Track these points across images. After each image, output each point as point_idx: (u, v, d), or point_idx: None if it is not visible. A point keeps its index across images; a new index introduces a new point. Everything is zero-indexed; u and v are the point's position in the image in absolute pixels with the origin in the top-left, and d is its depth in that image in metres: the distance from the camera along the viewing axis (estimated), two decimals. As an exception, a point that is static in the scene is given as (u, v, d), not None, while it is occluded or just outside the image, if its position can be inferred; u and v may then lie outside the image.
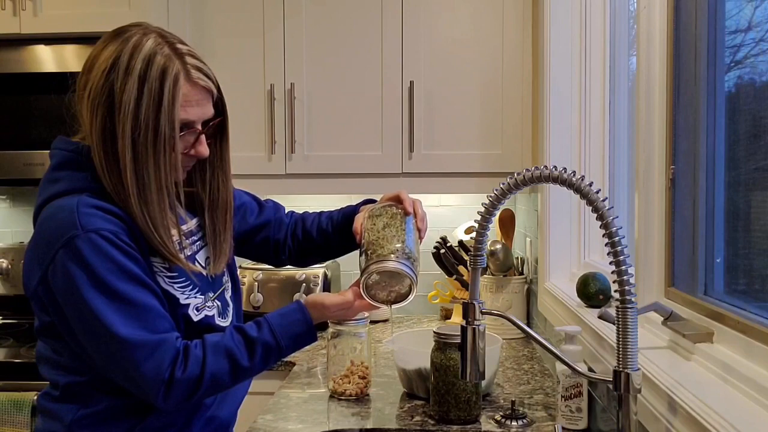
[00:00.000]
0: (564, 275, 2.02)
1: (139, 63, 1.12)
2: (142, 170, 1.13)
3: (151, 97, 1.12)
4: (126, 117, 1.11)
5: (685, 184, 1.27)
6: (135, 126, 1.12)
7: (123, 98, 1.11)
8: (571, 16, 2.01)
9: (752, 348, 0.99)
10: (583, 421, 1.43)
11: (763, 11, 1.10)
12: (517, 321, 1.21)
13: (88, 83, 1.15)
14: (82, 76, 1.17)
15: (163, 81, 1.13)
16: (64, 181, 1.16)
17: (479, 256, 1.15)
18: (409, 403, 1.62)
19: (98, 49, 1.17)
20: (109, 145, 1.13)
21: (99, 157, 1.14)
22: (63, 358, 1.19)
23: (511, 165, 2.27)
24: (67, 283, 1.10)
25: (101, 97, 1.13)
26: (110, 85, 1.12)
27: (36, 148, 2.29)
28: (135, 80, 1.12)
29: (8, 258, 2.58)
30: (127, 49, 1.14)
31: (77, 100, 1.18)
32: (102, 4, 2.21)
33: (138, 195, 1.14)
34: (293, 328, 1.23)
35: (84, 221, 1.10)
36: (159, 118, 1.12)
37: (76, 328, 1.13)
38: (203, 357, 1.16)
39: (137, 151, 1.13)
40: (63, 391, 1.19)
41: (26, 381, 2.00)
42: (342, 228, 1.47)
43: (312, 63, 2.32)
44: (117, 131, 1.12)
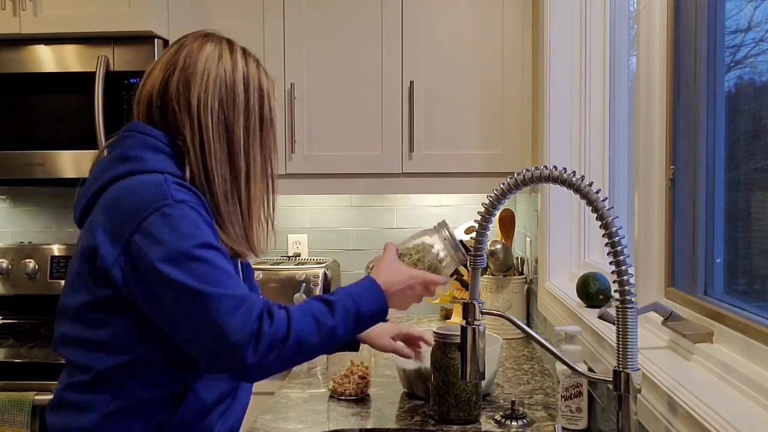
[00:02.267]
0: (564, 275, 2.02)
1: (240, 60, 1.27)
2: (251, 153, 1.27)
3: (255, 87, 1.28)
4: (239, 106, 1.26)
5: (685, 184, 1.27)
6: (246, 114, 1.26)
7: (236, 90, 1.25)
8: (571, 16, 2.01)
9: (752, 348, 0.99)
10: (583, 421, 1.43)
11: (763, 11, 1.10)
12: (517, 321, 1.21)
13: (193, 81, 1.23)
14: (174, 75, 1.24)
15: (260, 74, 1.30)
16: (145, 161, 1.20)
17: (479, 256, 1.15)
18: (409, 403, 1.62)
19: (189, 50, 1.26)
20: (224, 131, 1.25)
21: (212, 141, 1.23)
22: (107, 334, 1.18)
23: (511, 165, 2.27)
24: (155, 249, 1.11)
25: (214, 91, 1.24)
26: (220, 79, 1.25)
27: (36, 148, 2.29)
28: (241, 73, 1.26)
29: (8, 258, 2.58)
30: (224, 47, 1.27)
31: (171, 96, 1.24)
32: (102, 4, 2.21)
33: (245, 178, 1.26)
34: (368, 293, 1.26)
35: (174, 193, 1.15)
36: (263, 105, 1.29)
37: (162, 295, 1.13)
38: (288, 315, 1.17)
39: (248, 137, 1.27)
40: (96, 377, 1.18)
41: (26, 381, 2.00)
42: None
43: (312, 63, 2.32)
44: (230, 119, 1.25)
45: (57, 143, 2.28)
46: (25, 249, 2.60)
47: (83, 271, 1.19)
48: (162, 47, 2.30)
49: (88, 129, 2.24)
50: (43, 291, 2.55)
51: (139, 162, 1.20)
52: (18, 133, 2.30)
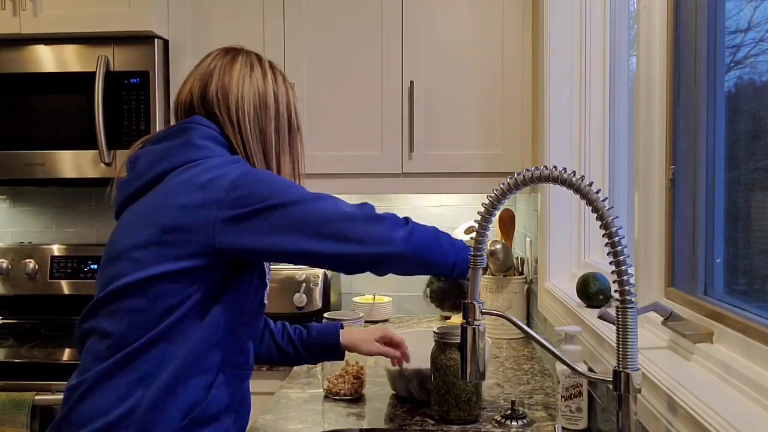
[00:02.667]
0: (564, 275, 2.02)
1: (267, 70, 1.42)
2: (281, 154, 1.40)
3: (282, 94, 1.42)
4: (270, 111, 1.39)
5: (685, 184, 1.27)
6: (277, 119, 1.40)
7: (268, 95, 1.39)
8: (571, 16, 2.01)
9: (752, 348, 0.99)
10: (583, 421, 1.43)
11: (763, 11, 1.10)
12: (517, 321, 1.21)
13: (230, 87, 1.36)
14: (211, 84, 1.36)
15: (286, 84, 1.44)
16: (214, 150, 1.31)
17: (479, 256, 1.15)
18: (408, 403, 1.62)
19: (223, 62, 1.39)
20: (258, 134, 1.38)
21: (251, 142, 1.36)
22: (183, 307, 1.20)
23: (511, 165, 2.27)
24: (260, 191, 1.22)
25: (249, 96, 1.37)
26: (255, 87, 1.38)
27: (36, 148, 2.29)
28: (270, 81, 1.41)
29: (8, 258, 2.58)
30: (254, 60, 1.42)
31: (211, 100, 1.36)
32: (102, 4, 2.22)
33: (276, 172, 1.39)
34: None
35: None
36: (290, 111, 1.43)
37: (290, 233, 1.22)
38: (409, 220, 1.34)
39: (279, 138, 1.40)
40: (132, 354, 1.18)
41: (26, 381, 2.00)
42: (314, 350, 1.60)
43: (312, 63, 2.32)
44: (263, 122, 1.38)
45: (57, 143, 2.28)
46: (25, 249, 2.60)
47: (162, 243, 1.21)
48: (162, 47, 2.30)
49: (88, 129, 2.24)
50: (43, 291, 2.55)
51: (208, 150, 1.30)
52: (18, 133, 2.30)
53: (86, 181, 2.31)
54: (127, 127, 2.26)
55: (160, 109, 2.29)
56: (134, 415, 1.17)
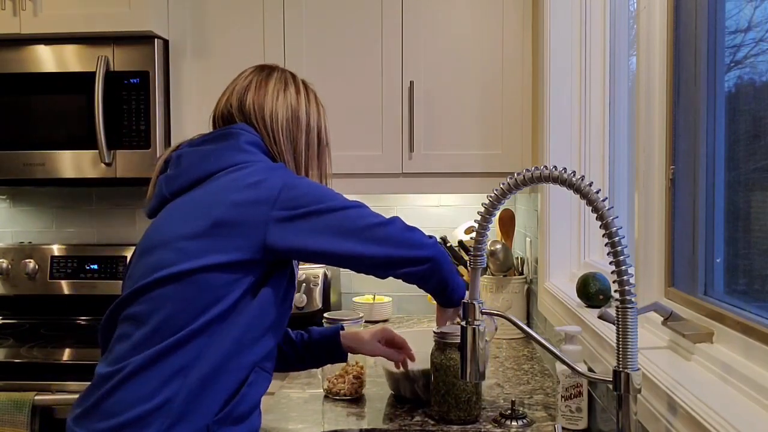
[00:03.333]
0: (564, 275, 2.02)
1: (300, 86, 1.49)
2: (309, 168, 1.46)
3: (312, 110, 1.48)
4: (301, 125, 1.45)
5: (685, 184, 1.27)
6: (308, 132, 1.46)
7: (300, 110, 1.46)
8: (571, 16, 2.01)
9: (752, 348, 0.99)
10: (583, 421, 1.43)
11: (763, 11, 1.10)
12: (517, 321, 1.21)
13: (265, 101, 1.43)
14: (247, 94, 1.44)
15: (316, 99, 1.50)
16: (258, 156, 1.37)
17: (479, 256, 1.15)
18: (408, 403, 1.62)
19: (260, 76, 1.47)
20: (291, 147, 1.44)
21: (284, 153, 1.42)
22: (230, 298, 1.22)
23: (511, 165, 2.27)
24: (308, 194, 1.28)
25: (282, 111, 1.44)
26: (288, 102, 1.45)
27: (36, 148, 2.29)
28: (303, 98, 1.47)
29: (8, 258, 2.58)
30: (288, 77, 1.49)
31: (248, 112, 1.43)
32: (102, 4, 2.22)
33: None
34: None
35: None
36: (320, 126, 1.49)
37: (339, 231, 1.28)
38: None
39: (309, 152, 1.47)
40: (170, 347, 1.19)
41: (26, 381, 2.00)
42: (315, 353, 1.59)
43: (312, 63, 2.32)
44: (294, 134, 1.45)
45: (57, 143, 2.28)
46: (25, 249, 2.60)
47: (216, 234, 1.24)
48: (162, 47, 2.30)
49: (88, 129, 2.24)
50: (43, 291, 2.55)
51: (254, 155, 1.36)
52: (18, 133, 2.30)
53: (86, 181, 2.31)
54: (127, 127, 2.26)
55: (160, 109, 2.29)
56: (172, 404, 1.18)
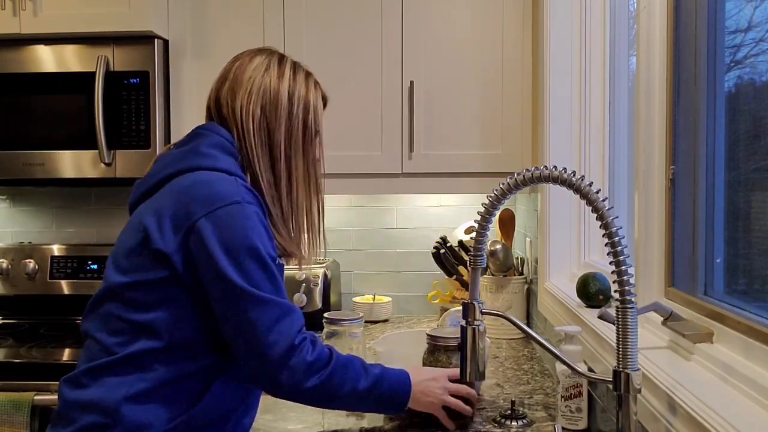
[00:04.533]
0: (564, 275, 2.02)
1: (288, 70, 1.35)
2: (292, 160, 1.33)
3: (300, 97, 1.34)
4: (282, 113, 1.32)
5: (685, 184, 1.27)
6: (289, 121, 1.32)
7: (279, 97, 1.32)
8: (571, 16, 2.01)
9: (752, 348, 0.99)
10: (583, 421, 1.43)
11: (763, 11, 1.10)
12: (517, 321, 1.21)
13: (240, 87, 1.31)
14: (226, 83, 1.33)
15: (308, 85, 1.36)
16: (218, 159, 1.26)
17: (479, 256, 1.15)
18: (409, 403, 1.62)
19: (242, 61, 1.34)
20: (266, 138, 1.31)
21: (255, 146, 1.30)
22: (152, 317, 1.19)
23: (511, 165, 2.27)
24: (217, 239, 1.16)
25: (257, 97, 1.31)
26: (266, 87, 1.32)
27: (36, 148, 2.29)
28: (287, 82, 1.33)
29: (8, 258, 2.58)
30: (274, 61, 1.35)
31: (223, 102, 1.33)
32: (102, 4, 2.21)
33: (287, 183, 1.32)
34: (397, 385, 1.34)
35: (244, 195, 1.21)
36: (307, 116, 1.35)
37: (214, 284, 1.17)
38: (330, 355, 1.24)
39: (290, 143, 1.32)
40: (124, 360, 1.18)
41: (26, 381, 2.00)
42: None
43: (311, 63, 2.30)
44: (273, 125, 1.31)
45: (57, 143, 2.28)
46: (24, 249, 2.60)
47: (138, 252, 1.21)
48: (162, 47, 2.30)
49: (88, 129, 2.24)
50: (42, 291, 2.55)
51: (213, 159, 1.26)
52: (18, 133, 2.30)
53: (86, 181, 2.31)
54: (127, 127, 2.26)
55: (160, 109, 2.29)
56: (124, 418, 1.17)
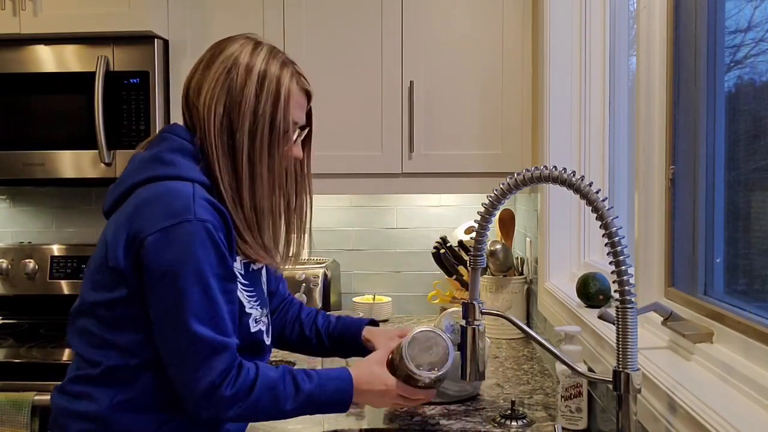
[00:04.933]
0: (564, 275, 2.02)
1: (258, 64, 1.24)
2: (255, 160, 1.22)
3: (269, 94, 1.23)
4: (246, 111, 1.22)
5: (685, 184, 1.27)
6: (254, 120, 1.22)
7: (244, 94, 1.22)
8: (571, 16, 2.01)
9: (752, 348, 0.99)
10: (583, 421, 1.43)
11: (763, 11, 1.10)
12: (517, 321, 1.21)
13: (205, 80, 1.23)
14: (196, 74, 1.25)
15: (280, 81, 1.24)
16: (179, 166, 1.20)
17: (479, 256, 1.15)
18: (408, 403, 1.62)
19: (213, 51, 1.26)
20: (227, 138, 1.22)
21: (215, 148, 1.21)
22: (118, 334, 1.18)
23: (511, 165, 2.27)
24: (165, 261, 1.12)
25: (221, 93, 1.22)
26: (230, 82, 1.22)
27: (36, 148, 2.29)
28: (255, 78, 1.22)
29: (8, 258, 2.58)
30: (246, 52, 1.24)
31: (190, 96, 1.25)
32: (102, 4, 2.21)
33: (250, 186, 1.22)
34: (336, 396, 1.27)
35: (198, 210, 1.14)
36: (276, 114, 1.23)
37: (153, 306, 1.14)
38: (253, 384, 1.18)
39: (254, 142, 1.22)
40: (104, 373, 1.18)
41: (26, 381, 2.00)
42: (336, 340, 1.52)
43: (312, 63, 2.32)
44: (236, 125, 1.22)
45: (57, 143, 2.28)
46: (24, 249, 2.60)
47: (103, 269, 1.20)
48: (162, 47, 2.30)
49: (88, 129, 2.24)
50: (42, 291, 2.55)
51: (173, 167, 1.20)
52: (18, 133, 2.29)
53: (86, 181, 2.30)
54: (127, 127, 2.26)
55: (160, 109, 2.29)
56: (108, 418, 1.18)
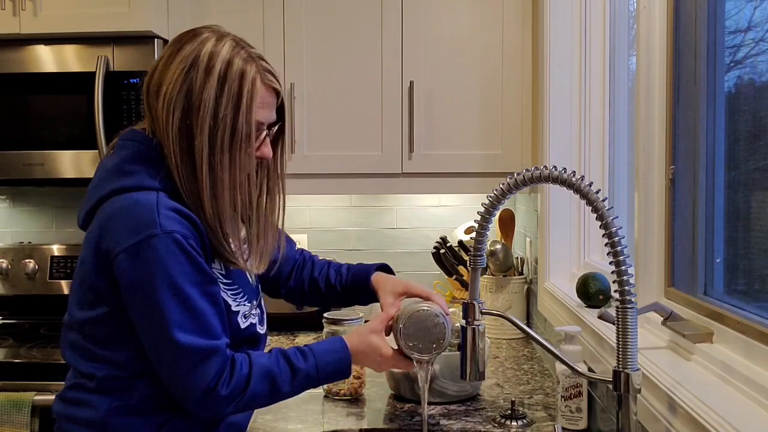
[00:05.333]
0: (564, 275, 2.02)
1: (219, 63, 1.16)
2: (216, 166, 1.16)
3: (230, 97, 1.16)
4: (205, 115, 1.14)
5: (685, 184, 1.27)
6: (213, 124, 1.15)
7: (203, 97, 1.14)
8: (571, 16, 2.01)
9: (752, 348, 0.99)
10: (583, 421, 1.43)
11: (763, 11, 1.10)
12: (517, 321, 1.22)
13: (164, 82, 1.16)
14: (155, 74, 1.19)
15: (242, 82, 1.16)
16: (138, 175, 1.17)
17: (479, 256, 1.15)
18: (407, 403, 1.62)
19: (173, 48, 1.19)
20: (186, 142, 1.16)
21: (174, 152, 1.16)
22: (107, 351, 1.18)
23: (511, 165, 2.27)
24: (138, 278, 1.11)
25: (180, 96, 1.15)
26: (189, 84, 1.15)
27: (36, 148, 2.29)
28: (215, 80, 1.15)
29: (8, 258, 2.58)
30: (206, 51, 1.16)
31: (150, 97, 1.19)
32: (102, 4, 2.21)
33: (211, 190, 1.16)
34: (335, 365, 1.26)
35: (163, 222, 1.11)
36: (237, 117, 1.16)
37: (135, 322, 1.14)
38: (248, 377, 1.18)
39: (214, 148, 1.15)
40: (99, 383, 1.19)
41: (26, 381, 2.00)
42: (350, 287, 1.50)
43: (312, 63, 2.32)
44: (195, 129, 1.15)
45: (57, 143, 2.28)
46: (24, 249, 2.59)
47: (84, 285, 1.20)
48: (162, 47, 2.30)
49: (88, 129, 2.24)
50: (42, 291, 2.55)
51: (134, 177, 1.17)
52: (18, 133, 2.29)
53: (86, 181, 2.25)
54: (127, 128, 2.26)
55: (160, 109, 2.29)
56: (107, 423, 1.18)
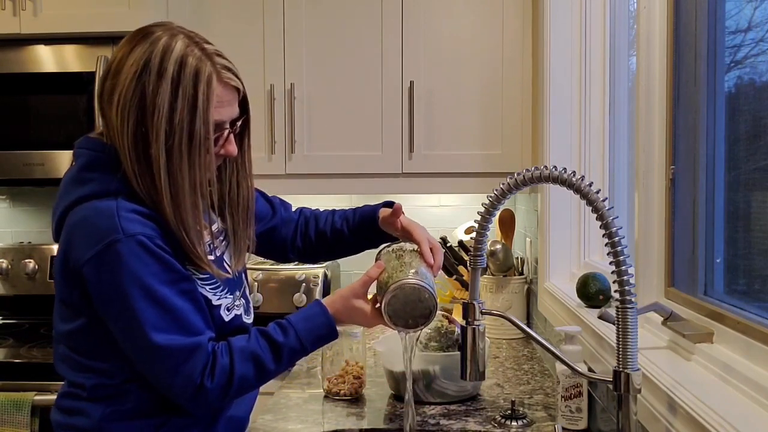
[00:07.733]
0: (564, 275, 2.02)
1: (172, 65, 1.11)
2: (175, 173, 1.12)
3: (185, 100, 1.11)
4: (160, 121, 1.10)
5: (685, 184, 1.27)
6: (169, 129, 1.11)
7: (157, 102, 1.10)
8: (571, 16, 2.01)
9: (752, 348, 0.99)
10: (583, 421, 1.43)
11: (763, 11, 1.10)
12: (517, 321, 1.21)
13: (116, 87, 1.13)
14: (108, 79, 1.15)
15: (197, 83, 1.12)
16: (95, 182, 1.15)
17: (479, 256, 1.15)
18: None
19: (124, 50, 1.14)
20: (141, 149, 1.12)
21: (130, 160, 1.12)
22: (93, 361, 1.18)
23: (511, 165, 2.27)
24: (107, 286, 1.10)
25: (133, 101, 1.11)
26: (142, 89, 1.11)
27: (36, 148, 2.29)
28: (168, 83, 1.11)
29: (8, 258, 2.58)
30: (157, 52, 1.12)
31: (103, 103, 1.16)
32: (102, 4, 2.21)
33: (171, 198, 1.13)
34: (317, 331, 1.25)
35: (125, 225, 1.09)
36: (194, 121, 1.12)
37: (115, 330, 1.14)
38: (230, 363, 1.17)
39: (171, 155, 1.12)
40: (91, 392, 1.19)
41: (26, 381, 2.00)
42: (358, 229, 1.50)
43: (312, 63, 2.32)
44: (150, 135, 1.11)
45: (57, 143, 2.28)
46: (24, 249, 2.60)
47: (61, 300, 1.20)
48: (162, 47, 2.30)
49: (88, 129, 2.24)
50: (42, 291, 2.55)
51: (90, 185, 1.15)
52: (17, 133, 2.30)
53: (86, 181, 2.30)
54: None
55: (160, 109, 2.29)
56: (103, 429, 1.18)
